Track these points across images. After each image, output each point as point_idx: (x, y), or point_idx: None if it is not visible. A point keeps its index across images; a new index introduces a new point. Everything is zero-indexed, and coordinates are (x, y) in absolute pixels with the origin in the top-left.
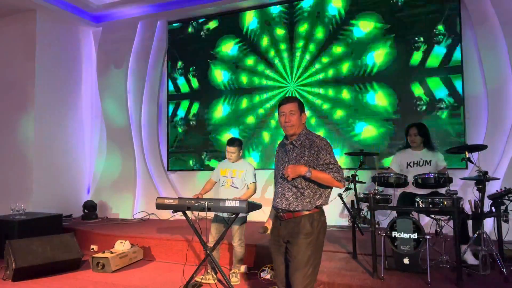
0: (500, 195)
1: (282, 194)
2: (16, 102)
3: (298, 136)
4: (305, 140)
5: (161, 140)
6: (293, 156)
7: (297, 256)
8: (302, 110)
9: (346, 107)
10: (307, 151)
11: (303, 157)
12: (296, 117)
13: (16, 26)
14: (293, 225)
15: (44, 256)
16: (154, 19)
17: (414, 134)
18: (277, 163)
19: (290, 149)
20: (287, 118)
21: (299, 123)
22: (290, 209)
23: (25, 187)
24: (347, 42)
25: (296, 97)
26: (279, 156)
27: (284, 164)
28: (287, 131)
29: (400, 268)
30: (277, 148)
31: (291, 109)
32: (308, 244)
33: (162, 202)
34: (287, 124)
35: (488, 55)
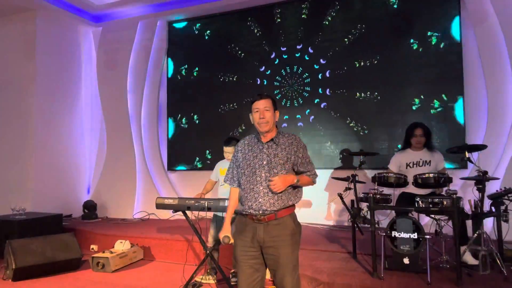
0: (500, 195)
1: (264, 193)
2: (16, 102)
3: (277, 134)
4: (283, 138)
5: (161, 140)
6: (274, 153)
7: (285, 259)
8: (275, 108)
9: (346, 107)
10: (288, 148)
11: (286, 154)
12: (270, 114)
13: (16, 26)
14: (277, 227)
15: (44, 256)
16: (154, 19)
17: (420, 134)
18: (248, 162)
19: (268, 147)
20: (261, 115)
21: (273, 120)
22: (273, 210)
23: (25, 187)
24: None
25: (269, 94)
26: (249, 155)
27: (262, 162)
28: (262, 128)
29: (400, 268)
30: (240, 146)
31: (266, 105)
32: (294, 245)
33: (162, 202)
34: (262, 121)
35: (488, 55)
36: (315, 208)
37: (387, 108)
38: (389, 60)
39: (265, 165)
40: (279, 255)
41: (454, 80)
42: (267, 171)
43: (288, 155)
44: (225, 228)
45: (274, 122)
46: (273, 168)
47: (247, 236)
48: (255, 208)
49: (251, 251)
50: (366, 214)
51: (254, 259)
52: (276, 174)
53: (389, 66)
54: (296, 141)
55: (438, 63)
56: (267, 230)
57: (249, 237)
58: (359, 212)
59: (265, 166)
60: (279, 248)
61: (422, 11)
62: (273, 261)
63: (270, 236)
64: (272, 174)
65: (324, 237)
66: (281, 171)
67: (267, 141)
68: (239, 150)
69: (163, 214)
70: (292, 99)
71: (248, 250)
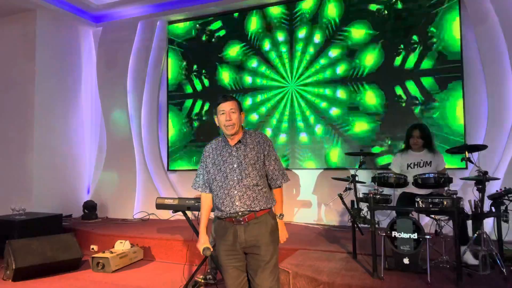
0: (500, 195)
1: (240, 196)
2: (16, 102)
3: (243, 134)
4: (250, 138)
5: (161, 140)
6: (244, 154)
7: (267, 257)
8: (241, 109)
9: (342, 106)
10: (256, 148)
11: (255, 154)
12: (236, 116)
13: (16, 26)
14: (257, 226)
15: (44, 256)
16: (154, 19)
17: (417, 136)
18: (218, 167)
19: (237, 149)
20: (227, 117)
21: (239, 122)
22: (252, 209)
23: (25, 187)
24: (342, 45)
25: (233, 96)
26: (219, 160)
27: (232, 166)
28: (228, 130)
29: (400, 268)
30: (207, 151)
31: (232, 107)
32: (274, 242)
33: (162, 202)
34: (229, 123)
35: (488, 55)
36: (315, 208)
37: (387, 108)
38: (389, 60)
39: (236, 168)
40: (260, 253)
41: (454, 80)
42: (238, 173)
43: (257, 154)
44: (202, 239)
45: (240, 124)
46: (244, 169)
47: (228, 240)
48: (233, 212)
49: (234, 254)
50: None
51: (238, 262)
52: (247, 175)
53: (389, 66)
54: (263, 139)
55: (438, 63)
56: (248, 230)
57: (231, 240)
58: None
59: (236, 169)
60: (260, 246)
61: (422, 11)
62: (255, 260)
63: (251, 235)
64: (244, 175)
65: (324, 237)
66: (252, 172)
67: (235, 143)
68: (207, 156)
69: (163, 214)
70: (292, 99)
71: (231, 254)
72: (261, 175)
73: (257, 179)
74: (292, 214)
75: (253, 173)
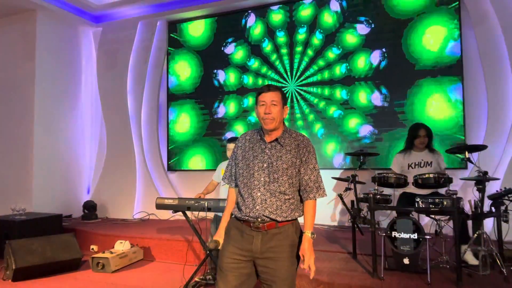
0: (500, 195)
1: (262, 200)
2: (16, 102)
3: (283, 133)
4: (290, 138)
5: (161, 140)
6: (277, 155)
7: (284, 273)
8: (285, 103)
9: (346, 107)
10: (293, 151)
11: (290, 158)
12: (278, 109)
13: (16, 26)
14: (277, 236)
15: (44, 256)
16: (154, 19)
17: (423, 135)
18: (247, 162)
19: (272, 147)
20: (267, 109)
21: (281, 117)
22: (274, 217)
23: (25, 187)
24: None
25: (279, 86)
26: (249, 154)
27: (262, 164)
28: (266, 125)
29: (400, 268)
30: (240, 142)
31: (273, 99)
32: (293, 257)
33: (162, 202)
34: (268, 117)
35: (488, 55)
36: None
37: (387, 108)
38: (388, 60)
39: (265, 168)
40: (277, 268)
41: (454, 80)
42: (266, 175)
43: (293, 159)
44: (219, 233)
45: (281, 119)
46: (274, 172)
47: (240, 244)
48: (253, 216)
49: (241, 261)
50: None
51: (242, 270)
52: (276, 179)
53: (388, 66)
54: (304, 143)
55: (438, 63)
56: (265, 239)
57: (243, 245)
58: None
59: (265, 169)
60: (277, 261)
61: (422, 11)
62: (270, 275)
63: (268, 246)
64: (272, 179)
65: (324, 237)
66: (282, 177)
67: (271, 140)
68: (239, 146)
69: (163, 214)
70: (293, 99)
71: (238, 258)
72: (291, 183)
73: (285, 186)
74: None
75: (283, 179)
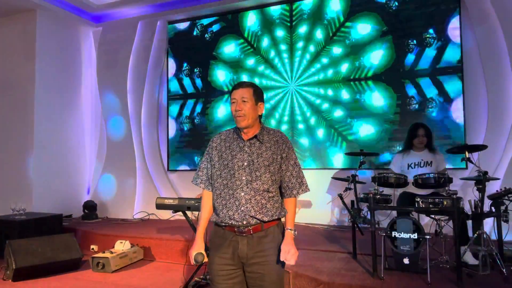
0: (500, 195)
1: (246, 200)
2: (16, 102)
3: (260, 130)
4: (268, 135)
5: (161, 140)
6: (257, 152)
7: (273, 277)
8: (259, 99)
9: (345, 107)
10: (273, 147)
11: (271, 154)
12: (249, 106)
13: (16, 26)
14: (263, 239)
15: (44, 256)
16: (154, 19)
17: (422, 134)
18: (225, 162)
19: (250, 145)
20: (238, 106)
21: (254, 114)
22: (260, 218)
23: (25, 187)
24: (345, 43)
25: (253, 82)
26: (227, 154)
27: (242, 163)
28: (238, 122)
29: (400, 268)
30: (215, 142)
31: (244, 95)
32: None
33: (162, 202)
34: (238, 114)
35: (488, 55)
36: (315, 208)
37: (387, 108)
38: (388, 61)
39: (246, 167)
40: (265, 273)
41: (454, 80)
42: (248, 173)
43: (274, 155)
44: (198, 244)
45: (255, 117)
46: (256, 170)
47: (226, 252)
48: (237, 218)
49: (231, 269)
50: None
51: (233, 279)
52: (258, 177)
53: (389, 66)
54: (283, 139)
55: (438, 63)
56: (252, 243)
57: (229, 253)
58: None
59: (246, 168)
60: (265, 265)
61: (422, 11)
62: (259, 280)
63: (255, 250)
64: (254, 177)
65: (324, 237)
66: (265, 174)
67: (249, 138)
68: (214, 147)
69: (163, 214)
70: (293, 99)
71: (227, 269)
72: (274, 180)
73: (269, 183)
74: None
75: (266, 176)
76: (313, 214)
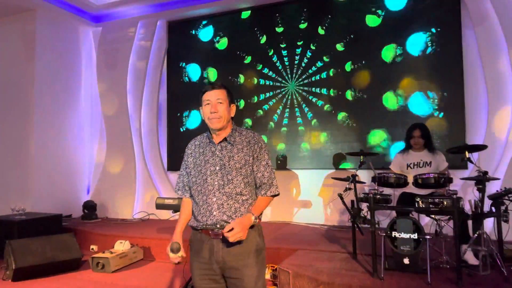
0: (500, 195)
1: (219, 205)
2: (16, 102)
3: (232, 131)
4: (240, 136)
5: (161, 140)
6: (229, 155)
7: (251, 283)
8: (231, 100)
9: (348, 108)
10: (245, 149)
11: (243, 156)
12: (224, 107)
13: (16, 26)
14: (238, 243)
15: (44, 256)
16: (154, 19)
17: (417, 136)
18: (198, 168)
19: (222, 148)
20: (213, 108)
21: (228, 116)
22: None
23: (25, 187)
24: (348, 41)
25: (223, 84)
26: (200, 160)
27: (214, 168)
28: (213, 124)
29: (400, 268)
30: (190, 149)
31: (219, 97)
32: (260, 264)
33: (162, 202)
34: (214, 116)
35: (488, 55)
36: (315, 208)
37: (387, 108)
38: (389, 60)
39: (218, 171)
40: (242, 278)
41: (454, 80)
42: (220, 178)
43: (246, 157)
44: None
45: (229, 118)
46: (227, 174)
47: (204, 257)
48: (210, 223)
49: (210, 274)
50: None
51: (215, 284)
52: (230, 181)
53: (389, 66)
54: (254, 139)
55: (438, 62)
56: (226, 248)
57: (206, 257)
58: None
59: (218, 172)
60: (242, 269)
61: (422, 11)
62: (237, 286)
63: (231, 254)
64: (226, 181)
65: (324, 237)
66: (237, 177)
67: (220, 140)
68: (189, 154)
69: (163, 214)
70: (293, 99)
71: (207, 274)
72: (247, 183)
73: (241, 186)
74: (292, 214)
75: (237, 179)
76: (313, 214)
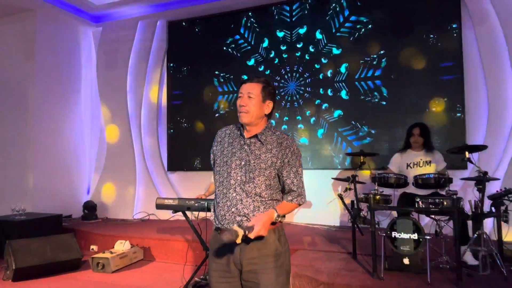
0: (500, 195)
1: (235, 203)
2: (15, 102)
3: (264, 129)
4: (272, 136)
5: (161, 140)
6: (256, 153)
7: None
8: (267, 97)
9: (347, 108)
10: (274, 150)
11: (270, 157)
12: (254, 103)
13: (16, 26)
14: (256, 245)
15: (44, 256)
16: (154, 19)
17: (417, 134)
18: (224, 159)
19: (251, 144)
20: (242, 102)
21: (259, 112)
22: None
23: (25, 187)
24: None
25: (265, 79)
26: (228, 150)
27: (240, 162)
28: (240, 117)
29: (400, 269)
30: (219, 136)
31: (250, 91)
32: (278, 268)
33: (162, 202)
34: (241, 109)
35: (488, 55)
36: (315, 208)
37: (387, 108)
38: (388, 61)
39: (242, 166)
40: (260, 283)
41: (454, 80)
42: (243, 174)
43: (273, 159)
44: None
45: (260, 115)
46: (250, 171)
47: (222, 258)
48: (229, 218)
49: (227, 277)
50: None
51: (231, 286)
52: (251, 179)
53: (388, 67)
54: (287, 143)
55: (438, 63)
56: (244, 249)
57: (225, 259)
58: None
59: (242, 167)
60: (258, 273)
61: (422, 11)
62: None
63: (247, 257)
64: (248, 178)
65: (324, 237)
66: (259, 177)
67: (250, 136)
68: (218, 141)
69: (163, 214)
70: (292, 99)
71: (224, 276)
72: (268, 185)
73: (262, 188)
74: (292, 214)
75: (259, 179)
76: (313, 214)
